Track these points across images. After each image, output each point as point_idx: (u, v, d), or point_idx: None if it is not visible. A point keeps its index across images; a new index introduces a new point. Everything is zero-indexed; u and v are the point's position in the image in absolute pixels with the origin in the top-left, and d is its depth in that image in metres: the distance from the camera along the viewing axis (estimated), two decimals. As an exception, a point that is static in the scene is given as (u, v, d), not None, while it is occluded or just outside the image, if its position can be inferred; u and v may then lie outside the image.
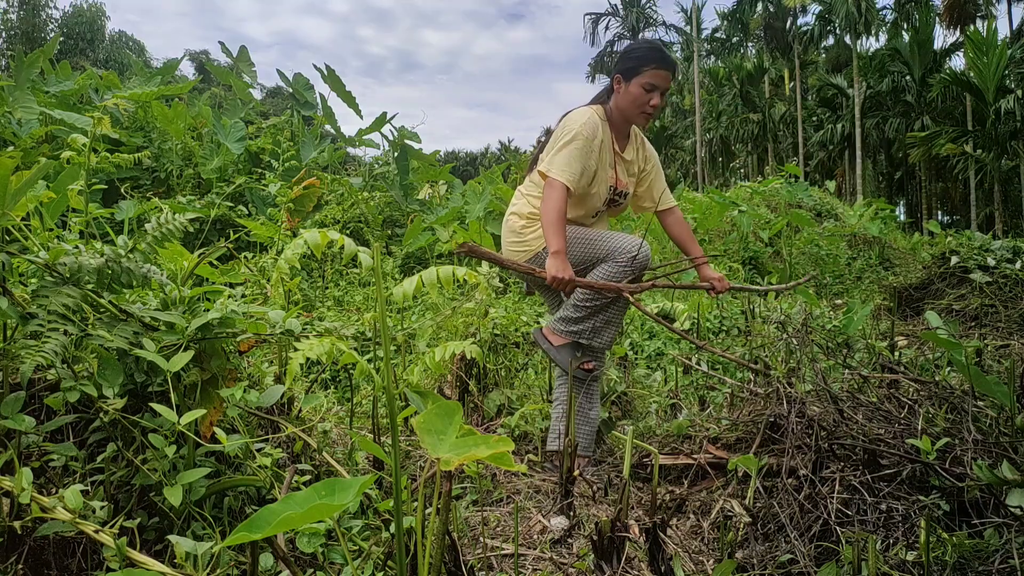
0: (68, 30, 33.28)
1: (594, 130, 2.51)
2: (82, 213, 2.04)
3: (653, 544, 1.70)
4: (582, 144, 2.46)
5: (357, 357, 1.17)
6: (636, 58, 2.53)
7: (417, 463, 2.64)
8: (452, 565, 1.62)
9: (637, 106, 2.54)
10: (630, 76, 2.53)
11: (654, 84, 2.51)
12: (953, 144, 22.99)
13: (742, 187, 11.19)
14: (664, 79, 2.53)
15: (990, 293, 4.96)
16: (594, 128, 2.51)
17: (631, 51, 2.58)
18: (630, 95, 2.53)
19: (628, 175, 2.70)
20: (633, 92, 2.53)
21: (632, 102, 2.54)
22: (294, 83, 10.70)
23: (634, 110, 2.56)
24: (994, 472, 1.61)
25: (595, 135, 2.51)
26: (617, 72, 2.59)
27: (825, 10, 32.46)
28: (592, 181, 2.55)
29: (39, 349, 1.33)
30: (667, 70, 2.52)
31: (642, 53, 2.54)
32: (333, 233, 1.40)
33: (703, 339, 4.68)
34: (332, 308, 5.49)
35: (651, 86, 2.51)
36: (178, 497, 1.39)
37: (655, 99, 2.53)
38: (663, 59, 2.52)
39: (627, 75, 2.54)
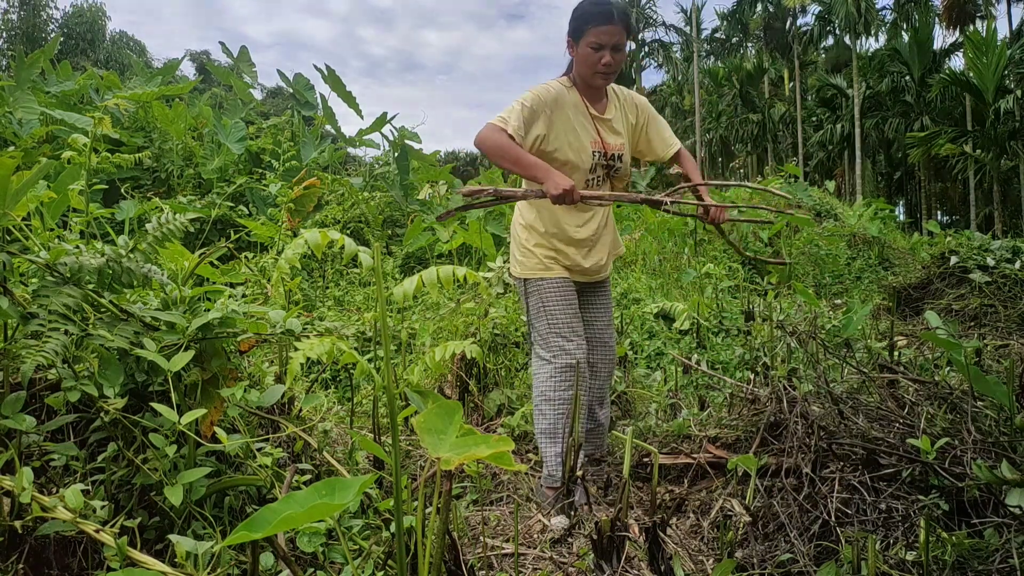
0: (69, 30, 33.27)
1: (547, 91, 2.41)
2: (83, 213, 2.05)
3: (653, 544, 1.70)
4: (530, 98, 2.35)
5: (357, 357, 1.17)
6: (578, 17, 2.42)
7: (417, 463, 2.65)
8: (452, 564, 1.62)
9: (589, 66, 2.41)
10: (577, 37, 2.42)
11: (600, 42, 2.37)
12: (952, 144, 22.98)
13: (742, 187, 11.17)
14: (609, 34, 2.37)
15: (989, 293, 4.97)
16: (547, 91, 2.41)
17: (575, 10, 2.45)
18: (580, 57, 2.42)
19: (615, 135, 2.55)
20: (582, 53, 2.41)
21: (584, 63, 2.42)
22: (294, 83, 10.70)
23: (588, 71, 2.43)
24: (993, 472, 1.62)
25: (548, 94, 2.40)
26: (568, 35, 2.48)
27: (825, 10, 32.46)
28: (561, 145, 2.42)
29: (40, 349, 1.33)
30: (611, 24, 2.36)
31: (583, 11, 2.41)
32: (333, 233, 1.40)
33: (703, 339, 4.68)
34: (332, 308, 5.49)
35: (597, 44, 2.37)
36: (179, 497, 1.39)
37: (605, 57, 2.39)
38: (604, 14, 2.36)
39: (575, 36, 2.43)
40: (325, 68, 9.89)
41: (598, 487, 2.51)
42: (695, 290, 5.88)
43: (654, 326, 4.96)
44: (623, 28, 2.38)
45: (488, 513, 2.32)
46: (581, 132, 2.47)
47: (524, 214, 2.58)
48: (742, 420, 2.57)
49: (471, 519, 2.25)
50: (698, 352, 4.43)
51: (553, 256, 2.49)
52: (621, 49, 2.41)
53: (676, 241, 8.54)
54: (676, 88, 41.42)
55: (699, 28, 37.93)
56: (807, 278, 8.38)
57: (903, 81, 30.51)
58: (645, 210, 9.98)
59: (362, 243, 7.44)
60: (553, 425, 2.42)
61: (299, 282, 5.41)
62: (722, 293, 5.78)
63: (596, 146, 2.49)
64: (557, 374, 2.40)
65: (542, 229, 2.49)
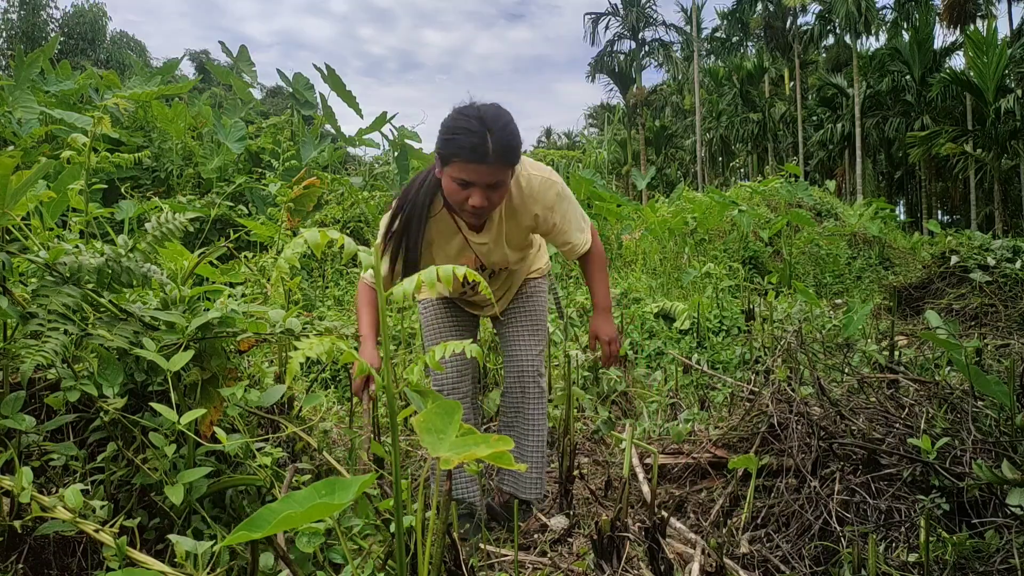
0: (69, 30, 33.28)
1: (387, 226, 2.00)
2: (82, 213, 2.04)
3: (653, 543, 1.70)
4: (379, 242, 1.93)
5: (357, 356, 1.17)
6: (445, 141, 1.82)
7: (417, 462, 2.64)
8: (452, 564, 1.62)
9: (454, 202, 1.89)
10: (442, 163, 1.86)
11: (467, 180, 1.81)
12: (953, 144, 22.97)
13: (742, 186, 11.19)
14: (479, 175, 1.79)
15: (990, 292, 4.96)
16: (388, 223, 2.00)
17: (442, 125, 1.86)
18: (446, 187, 1.88)
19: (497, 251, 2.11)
20: (445, 184, 1.87)
21: (449, 195, 1.89)
22: (294, 83, 10.69)
23: (454, 204, 1.90)
24: (994, 472, 1.61)
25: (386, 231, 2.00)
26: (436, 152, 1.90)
27: (825, 10, 32.44)
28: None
29: (39, 348, 1.33)
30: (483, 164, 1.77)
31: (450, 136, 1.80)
32: (333, 232, 1.40)
33: (703, 339, 4.68)
34: (332, 307, 5.49)
35: (463, 182, 1.82)
36: (179, 496, 1.39)
37: (474, 197, 1.82)
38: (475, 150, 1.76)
39: (440, 160, 1.87)
40: (325, 68, 9.88)
41: (598, 488, 2.51)
42: (695, 290, 5.88)
43: (654, 326, 4.96)
44: (502, 166, 1.81)
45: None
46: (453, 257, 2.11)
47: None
48: (742, 420, 2.57)
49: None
50: (698, 352, 4.43)
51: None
52: (500, 187, 1.85)
53: (676, 241, 8.54)
54: (676, 87, 41.41)
55: (699, 27, 37.91)
56: (808, 278, 8.38)
57: (904, 80, 30.50)
58: (645, 210, 9.98)
59: (362, 243, 7.44)
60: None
61: (299, 282, 5.41)
62: (722, 293, 5.78)
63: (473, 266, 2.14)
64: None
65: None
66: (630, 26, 38.08)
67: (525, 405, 2.26)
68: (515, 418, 2.29)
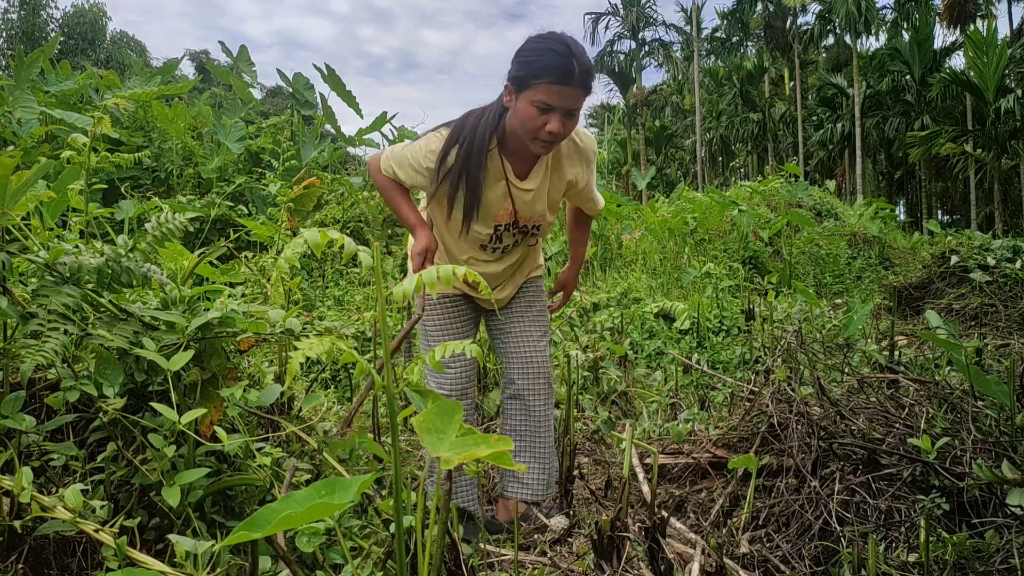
0: (69, 30, 33.29)
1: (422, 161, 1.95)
2: (82, 213, 2.04)
3: (653, 543, 1.70)
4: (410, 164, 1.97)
5: (357, 356, 1.17)
6: (525, 63, 1.81)
7: (417, 462, 2.64)
8: (452, 564, 1.62)
9: (528, 130, 1.83)
10: (520, 87, 1.82)
11: (550, 104, 1.78)
12: (953, 143, 22.98)
13: (742, 186, 11.20)
14: (564, 97, 1.78)
15: (990, 292, 4.96)
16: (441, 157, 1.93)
17: (521, 52, 1.84)
18: (519, 113, 1.83)
19: (534, 204, 2.05)
20: (522, 111, 1.81)
21: (523, 124, 1.83)
22: (294, 83, 10.69)
23: (524, 134, 1.85)
24: (994, 471, 1.61)
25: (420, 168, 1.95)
26: (507, 80, 1.87)
27: (825, 10, 32.45)
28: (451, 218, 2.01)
29: (39, 348, 1.33)
30: (569, 85, 1.77)
31: (534, 58, 1.80)
32: (333, 232, 1.40)
33: (703, 339, 4.68)
34: (332, 307, 5.49)
35: (545, 105, 1.78)
36: (176, 497, 1.39)
37: (552, 123, 1.80)
38: (563, 70, 1.76)
39: (517, 85, 1.83)
40: (325, 67, 9.89)
41: (598, 488, 2.51)
42: (695, 290, 5.88)
43: (654, 326, 4.96)
44: (583, 91, 1.81)
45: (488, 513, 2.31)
46: (492, 204, 2.01)
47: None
48: (742, 420, 2.57)
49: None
50: (698, 352, 4.43)
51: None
52: (574, 115, 1.85)
53: (676, 241, 8.54)
54: (676, 87, 41.41)
55: (699, 27, 37.91)
56: (808, 277, 8.38)
57: (904, 80, 30.52)
58: (645, 210, 9.98)
59: (362, 243, 7.44)
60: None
61: (299, 282, 5.40)
62: (722, 293, 5.78)
63: (507, 218, 2.05)
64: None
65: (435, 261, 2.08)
66: (630, 26, 38.07)
67: (535, 403, 2.20)
68: (524, 420, 2.22)
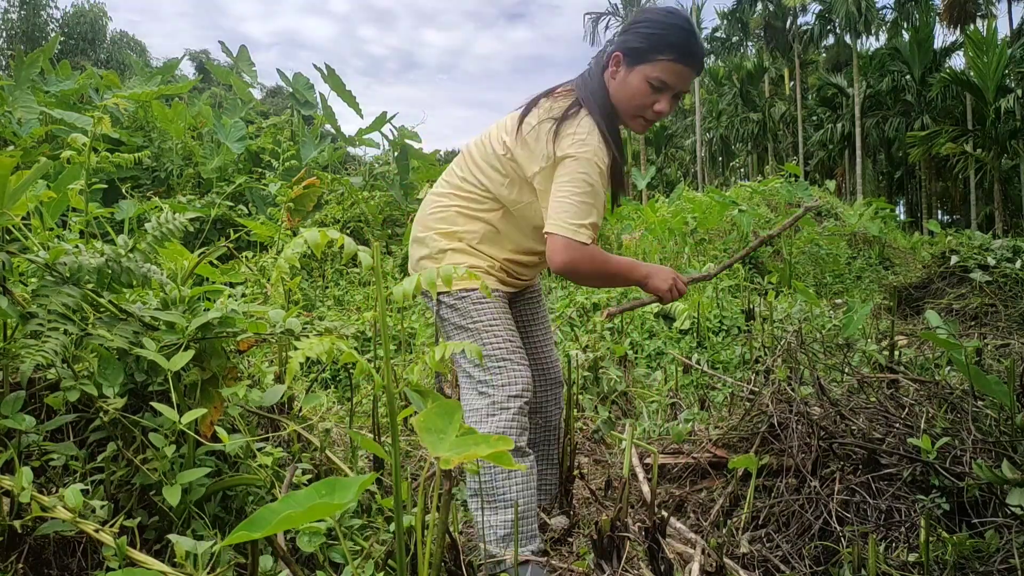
0: (69, 30, 33.29)
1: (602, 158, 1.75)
2: (82, 213, 2.04)
3: (653, 544, 1.70)
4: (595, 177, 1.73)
5: (357, 356, 1.17)
6: (649, 35, 1.71)
7: (418, 462, 2.64)
8: (452, 564, 1.62)
9: (635, 107, 1.76)
10: (637, 59, 1.72)
11: (667, 82, 1.72)
12: (953, 143, 22.98)
13: (742, 186, 11.20)
14: (683, 78, 1.74)
15: (990, 292, 4.96)
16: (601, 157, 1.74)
17: (646, 22, 1.74)
18: (629, 87, 1.74)
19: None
20: (634, 84, 1.73)
21: (630, 97, 1.75)
22: (294, 83, 10.68)
23: (627, 109, 1.77)
24: (994, 471, 1.61)
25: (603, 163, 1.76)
26: (619, 49, 1.76)
27: (825, 9, 32.45)
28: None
29: (39, 348, 1.33)
30: (692, 66, 1.74)
31: (659, 31, 1.71)
32: (333, 232, 1.40)
33: (703, 339, 4.68)
34: (332, 308, 5.49)
35: (661, 83, 1.72)
36: (176, 497, 1.39)
37: (662, 103, 1.75)
38: (691, 50, 1.72)
39: (633, 57, 1.73)
40: (325, 67, 9.88)
41: (598, 487, 2.51)
42: (695, 290, 5.88)
43: (654, 326, 4.96)
44: (697, 74, 1.79)
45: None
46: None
47: (466, 238, 1.88)
48: (742, 420, 2.57)
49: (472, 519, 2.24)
50: (698, 352, 4.43)
51: (487, 270, 1.87)
52: (679, 98, 1.81)
53: (676, 240, 8.54)
54: (676, 87, 41.32)
55: (699, 27, 37.90)
56: (808, 277, 8.38)
57: (904, 80, 30.53)
58: (645, 210, 9.98)
59: (362, 243, 7.44)
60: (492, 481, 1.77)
61: (299, 282, 5.41)
62: (722, 292, 5.78)
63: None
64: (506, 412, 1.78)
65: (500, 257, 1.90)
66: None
67: (553, 413, 2.14)
68: (542, 431, 2.14)
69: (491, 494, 1.78)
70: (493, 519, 1.78)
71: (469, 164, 1.93)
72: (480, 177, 1.89)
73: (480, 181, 1.89)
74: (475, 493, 1.81)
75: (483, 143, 1.91)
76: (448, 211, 1.91)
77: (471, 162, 1.92)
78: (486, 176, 1.88)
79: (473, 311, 1.84)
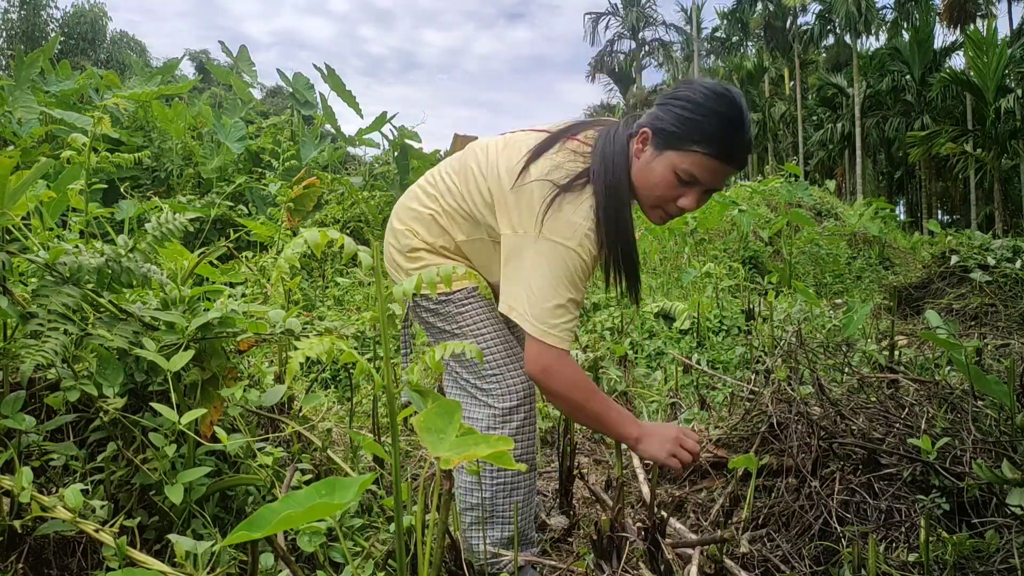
0: (69, 30, 33.29)
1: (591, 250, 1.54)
2: (82, 213, 2.04)
3: (652, 544, 1.70)
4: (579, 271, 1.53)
5: (357, 356, 1.17)
6: (686, 121, 1.45)
7: (418, 462, 2.64)
8: (453, 564, 1.62)
9: (655, 196, 1.53)
10: (665, 143, 1.48)
11: (699, 178, 1.47)
12: (953, 143, 22.99)
13: (742, 186, 11.20)
14: (717, 176, 1.49)
15: (990, 292, 4.96)
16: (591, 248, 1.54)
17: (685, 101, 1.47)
18: (652, 174, 1.50)
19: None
20: (658, 171, 1.49)
21: (651, 186, 1.51)
22: (294, 83, 10.68)
23: (648, 198, 1.54)
24: (994, 471, 1.61)
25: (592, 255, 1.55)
26: (648, 125, 1.51)
27: (825, 9, 32.46)
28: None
29: (39, 348, 1.33)
30: (730, 165, 1.48)
31: (699, 118, 1.44)
32: (333, 232, 1.40)
33: (703, 338, 4.67)
34: (332, 307, 5.49)
35: (691, 177, 1.47)
36: (179, 495, 1.39)
37: (688, 199, 1.51)
38: (730, 146, 1.45)
39: (661, 139, 1.48)
40: (325, 67, 9.88)
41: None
42: (695, 290, 5.88)
43: (654, 326, 4.96)
44: (738, 170, 1.54)
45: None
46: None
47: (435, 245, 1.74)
48: (742, 420, 2.57)
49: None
50: (698, 352, 4.43)
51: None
52: (709, 194, 1.56)
53: (676, 240, 8.54)
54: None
55: (699, 27, 37.93)
56: (808, 277, 8.38)
57: (904, 80, 30.53)
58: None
59: (362, 243, 7.44)
60: (492, 498, 1.70)
61: (299, 282, 5.41)
62: (722, 293, 5.78)
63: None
64: (508, 427, 1.68)
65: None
66: (630, 26, 38.09)
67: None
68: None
69: (490, 511, 1.73)
70: (490, 535, 1.72)
71: (462, 179, 1.72)
72: (466, 195, 1.70)
73: (463, 201, 1.71)
74: (471, 507, 1.73)
75: (484, 166, 1.68)
76: (423, 214, 1.75)
77: (465, 177, 1.72)
78: (471, 197, 1.69)
79: (457, 315, 1.71)
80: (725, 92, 1.46)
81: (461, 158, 1.78)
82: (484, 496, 1.72)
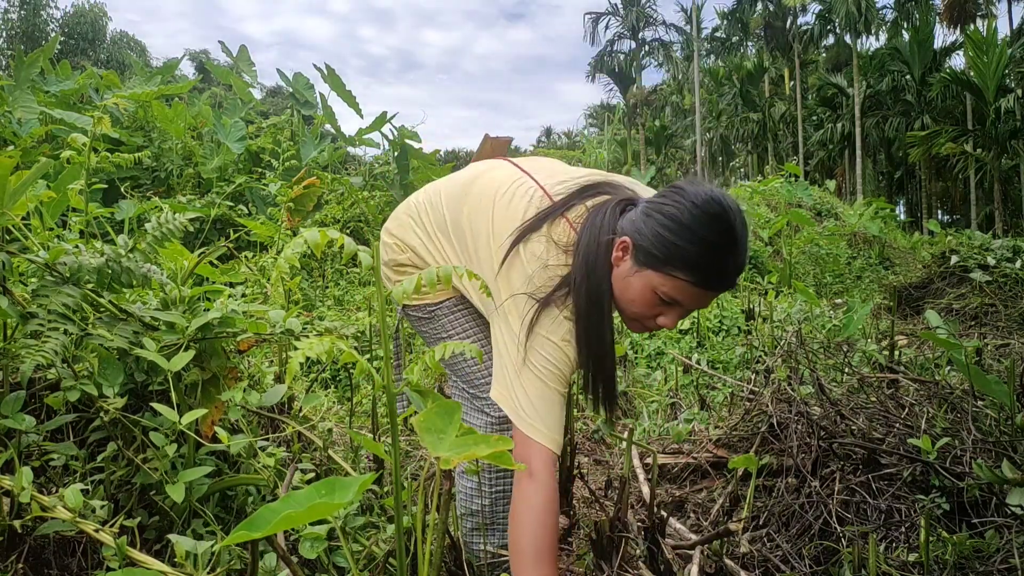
0: (69, 30, 33.30)
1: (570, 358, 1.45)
2: (82, 213, 2.04)
3: (652, 544, 1.70)
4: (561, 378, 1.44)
5: (357, 356, 1.17)
6: (669, 245, 1.32)
7: (418, 462, 2.64)
8: (453, 565, 1.62)
9: (632, 311, 1.43)
10: (651, 262, 1.35)
11: (678, 300, 1.37)
12: (953, 143, 22.98)
13: (742, 186, 11.20)
14: (700, 301, 1.38)
15: (990, 292, 4.96)
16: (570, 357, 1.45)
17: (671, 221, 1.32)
18: (630, 289, 1.39)
19: None
20: (636, 287, 1.38)
21: (628, 301, 1.41)
22: (294, 83, 10.68)
23: (627, 311, 1.44)
24: (994, 471, 1.61)
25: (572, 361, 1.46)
26: (630, 234, 1.38)
27: (825, 9, 32.47)
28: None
29: (39, 348, 1.33)
30: (714, 290, 1.37)
31: (686, 244, 1.30)
32: (333, 232, 1.40)
33: (703, 338, 4.67)
34: (332, 307, 5.49)
35: (670, 299, 1.37)
36: (180, 494, 1.39)
37: (667, 318, 1.41)
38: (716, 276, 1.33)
39: (643, 257, 1.36)
40: (325, 67, 9.87)
41: (598, 488, 2.51)
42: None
43: (654, 325, 4.96)
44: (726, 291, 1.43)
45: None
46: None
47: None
48: (742, 420, 2.57)
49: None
50: (698, 352, 4.43)
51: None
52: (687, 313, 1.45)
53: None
54: (676, 87, 41.44)
55: (699, 27, 37.92)
56: (808, 277, 8.38)
57: (904, 80, 30.54)
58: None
59: (362, 242, 7.44)
60: (492, 505, 1.71)
61: (299, 282, 5.40)
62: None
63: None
64: (502, 428, 1.66)
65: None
66: (630, 26, 38.09)
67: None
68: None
69: (490, 519, 1.72)
70: (491, 541, 1.71)
71: (457, 236, 1.60)
72: (459, 252, 1.59)
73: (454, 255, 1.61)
74: (472, 513, 1.71)
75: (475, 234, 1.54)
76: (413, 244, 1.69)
77: (460, 235, 1.59)
78: (463, 254, 1.58)
79: (447, 323, 1.66)
80: (717, 213, 1.31)
81: (460, 197, 1.63)
82: (484, 504, 1.72)
